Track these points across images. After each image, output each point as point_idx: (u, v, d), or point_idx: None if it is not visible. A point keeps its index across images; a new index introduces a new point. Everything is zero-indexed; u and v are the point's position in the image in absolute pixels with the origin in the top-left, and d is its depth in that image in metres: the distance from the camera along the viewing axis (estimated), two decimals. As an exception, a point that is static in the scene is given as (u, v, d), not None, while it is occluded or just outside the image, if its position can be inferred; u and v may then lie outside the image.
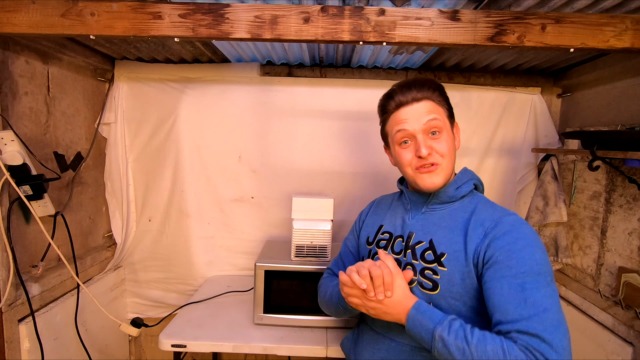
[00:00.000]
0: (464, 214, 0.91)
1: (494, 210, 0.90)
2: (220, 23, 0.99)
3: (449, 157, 0.91)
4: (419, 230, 0.94)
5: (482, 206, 0.92)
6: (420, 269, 0.89)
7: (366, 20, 0.98)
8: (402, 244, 0.95)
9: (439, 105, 0.92)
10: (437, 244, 0.89)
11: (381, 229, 1.04)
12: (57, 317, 1.33)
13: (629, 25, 0.96)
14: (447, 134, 0.92)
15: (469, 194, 0.96)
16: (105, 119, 1.65)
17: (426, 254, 0.90)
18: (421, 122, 0.90)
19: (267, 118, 1.73)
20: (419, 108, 0.90)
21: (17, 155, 1.11)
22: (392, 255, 0.95)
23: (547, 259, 0.81)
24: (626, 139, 1.13)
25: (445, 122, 0.92)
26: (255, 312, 1.38)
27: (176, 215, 1.77)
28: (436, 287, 0.87)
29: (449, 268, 0.86)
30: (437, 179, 0.91)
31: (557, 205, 1.48)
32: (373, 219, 1.10)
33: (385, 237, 1.01)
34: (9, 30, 0.99)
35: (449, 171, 0.92)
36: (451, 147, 0.92)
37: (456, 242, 0.87)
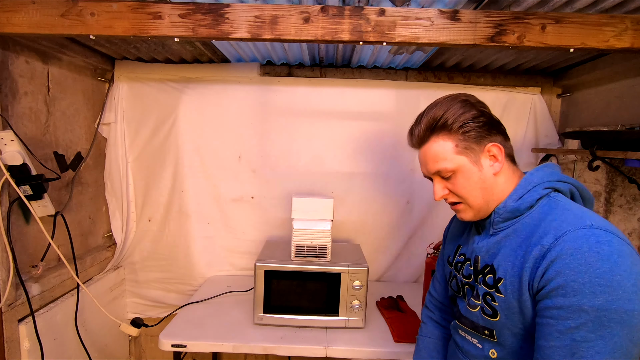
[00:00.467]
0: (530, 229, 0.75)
1: (564, 218, 0.70)
2: (220, 23, 0.99)
3: (470, 195, 0.81)
4: (484, 253, 0.84)
5: (554, 214, 0.73)
6: (482, 294, 0.81)
7: (366, 20, 0.98)
8: (470, 268, 0.87)
9: (448, 139, 0.79)
10: (497, 266, 0.78)
11: (459, 250, 0.96)
12: (57, 317, 1.33)
13: (629, 25, 0.96)
14: (464, 172, 0.80)
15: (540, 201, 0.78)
16: (105, 119, 1.65)
17: (487, 277, 0.80)
18: (427, 168, 0.84)
19: (267, 118, 1.73)
20: (424, 153, 0.84)
21: (17, 155, 1.11)
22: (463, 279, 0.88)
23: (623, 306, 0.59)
24: (626, 139, 1.14)
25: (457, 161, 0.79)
26: (255, 312, 1.38)
27: (176, 215, 1.77)
28: (496, 315, 0.77)
29: (505, 295, 0.75)
30: (465, 215, 0.85)
31: (557, 205, 1.48)
32: (453, 235, 1.02)
33: (460, 260, 0.93)
34: (9, 30, 0.99)
35: (477, 206, 0.82)
36: (470, 183, 0.80)
37: (516, 266, 0.74)
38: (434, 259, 1.57)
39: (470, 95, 0.84)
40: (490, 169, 0.80)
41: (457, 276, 0.92)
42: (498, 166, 0.81)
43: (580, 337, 0.61)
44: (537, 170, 0.82)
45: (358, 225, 1.80)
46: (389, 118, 1.73)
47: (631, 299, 0.59)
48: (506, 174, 0.82)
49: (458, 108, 0.80)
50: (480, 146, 0.80)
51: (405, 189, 1.76)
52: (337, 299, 1.36)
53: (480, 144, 0.80)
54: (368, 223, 1.80)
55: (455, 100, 0.82)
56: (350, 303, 1.35)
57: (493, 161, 0.81)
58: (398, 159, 1.74)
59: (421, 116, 0.84)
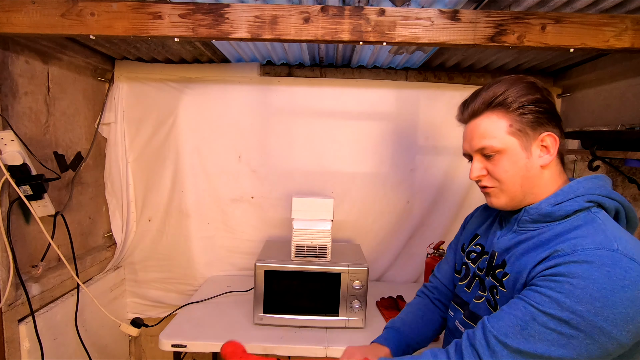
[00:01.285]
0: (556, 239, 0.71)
1: (593, 237, 0.65)
2: (220, 23, 0.99)
3: (508, 181, 0.76)
4: (502, 250, 0.80)
5: (585, 230, 0.68)
6: (489, 286, 0.81)
7: (366, 20, 0.98)
8: (486, 262, 0.85)
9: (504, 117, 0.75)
10: (510, 262, 0.76)
11: (475, 239, 0.93)
12: (57, 317, 1.33)
13: (629, 25, 0.96)
14: (510, 155, 0.75)
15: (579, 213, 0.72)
16: (105, 119, 1.65)
17: (497, 272, 0.79)
18: (472, 144, 0.79)
19: (267, 118, 1.73)
20: (474, 127, 0.79)
21: (17, 155, 1.10)
22: (477, 271, 0.87)
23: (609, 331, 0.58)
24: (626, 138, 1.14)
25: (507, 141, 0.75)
26: (255, 312, 1.38)
27: (176, 215, 1.77)
28: (496, 308, 0.76)
29: (507, 290, 0.74)
30: (495, 201, 0.80)
31: (557, 205, 1.48)
32: (473, 224, 0.99)
33: (477, 250, 0.90)
34: (9, 30, 0.99)
35: (512, 194, 0.77)
36: (513, 169, 0.75)
37: (523, 264, 0.72)
38: (434, 259, 1.57)
39: (537, 80, 0.79)
40: (539, 160, 0.75)
41: (470, 265, 0.91)
42: (548, 158, 0.75)
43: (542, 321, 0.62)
44: (585, 179, 0.76)
45: (358, 225, 1.80)
46: (389, 118, 1.73)
47: (616, 324, 0.58)
48: (552, 171, 0.78)
49: (522, 88, 0.76)
50: (536, 133, 0.75)
51: (405, 189, 1.76)
52: (337, 299, 1.36)
53: (536, 130, 0.75)
54: (368, 223, 1.80)
55: (522, 80, 0.78)
56: (350, 303, 1.35)
57: (544, 152, 0.76)
58: (398, 159, 1.74)
59: (479, 90, 0.80)
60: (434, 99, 1.70)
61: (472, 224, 1.00)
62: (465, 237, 0.99)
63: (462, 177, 1.74)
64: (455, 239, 1.07)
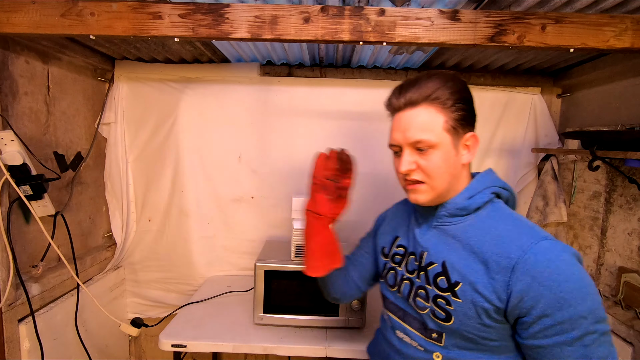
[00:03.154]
0: (481, 233, 0.76)
1: (519, 233, 0.73)
2: (220, 23, 0.99)
3: (438, 177, 0.77)
4: (430, 248, 0.82)
5: (504, 226, 0.76)
6: (433, 296, 0.79)
7: (366, 20, 0.98)
8: (414, 262, 0.85)
9: (441, 113, 0.76)
10: (451, 268, 0.77)
11: (397, 241, 0.94)
12: (57, 317, 1.33)
13: (629, 25, 0.96)
14: (443, 151, 0.76)
15: (487, 205, 0.80)
16: (105, 119, 1.65)
17: (439, 280, 0.78)
18: (407, 135, 0.77)
19: (267, 118, 1.73)
20: (410, 117, 0.77)
21: (17, 155, 1.11)
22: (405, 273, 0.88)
23: (598, 299, 0.67)
24: (626, 139, 1.13)
25: (442, 137, 0.76)
26: (255, 312, 1.38)
27: (176, 215, 1.77)
28: (449, 319, 0.76)
29: (463, 300, 0.74)
30: (422, 197, 0.80)
31: (557, 205, 1.48)
32: (391, 226, 1.00)
33: (400, 252, 0.91)
34: (9, 30, 0.99)
35: (439, 190, 0.79)
36: (444, 165, 0.77)
37: (474, 272, 0.74)
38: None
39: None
40: (462, 158, 0.80)
41: (397, 269, 0.90)
42: (469, 157, 0.81)
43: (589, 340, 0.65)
44: (485, 173, 0.85)
45: (358, 225, 1.79)
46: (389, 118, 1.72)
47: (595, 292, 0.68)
48: (467, 169, 0.84)
49: (457, 86, 0.78)
50: (463, 131, 0.79)
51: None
52: (337, 299, 1.36)
53: (464, 129, 0.79)
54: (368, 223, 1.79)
55: (456, 79, 0.79)
56: (350, 303, 1.35)
57: (466, 151, 0.80)
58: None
59: (416, 80, 0.78)
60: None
61: (389, 226, 1.01)
62: (384, 241, 0.99)
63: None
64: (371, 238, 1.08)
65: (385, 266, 0.96)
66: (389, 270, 0.93)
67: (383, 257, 0.98)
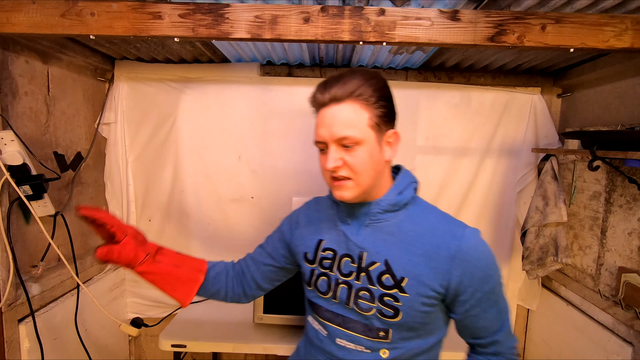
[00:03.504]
0: (416, 227, 0.82)
1: (447, 223, 0.82)
2: (220, 23, 0.99)
3: (363, 173, 0.78)
4: (369, 248, 0.82)
5: (433, 217, 0.83)
6: (378, 295, 0.80)
7: (366, 20, 0.98)
8: (351, 264, 0.84)
9: (366, 109, 0.76)
10: (394, 265, 0.79)
11: (321, 245, 0.90)
12: (57, 317, 1.33)
13: (629, 25, 0.96)
14: (368, 147, 0.77)
15: (412, 200, 0.85)
16: (105, 119, 1.65)
17: (384, 278, 0.80)
18: (332, 131, 0.76)
19: (267, 118, 1.73)
20: (335, 113, 0.76)
21: (17, 155, 1.10)
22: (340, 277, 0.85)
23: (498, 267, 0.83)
24: (626, 139, 1.14)
25: (366, 133, 0.77)
26: (255, 312, 1.38)
27: (176, 215, 1.77)
28: (397, 314, 0.79)
29: (410, 294, 0.78)
30: (347, 194, 0.79)
31: (557, 205, 1.48)
32: (309, 229, 0.94)
33: (328, 256, 0.87)
34: (9, 30, 0.99)
35: (364, 186, 0.80)
36: (369, 161, 0.78)
37: (417, 265, 0.78)
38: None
39: None
40: (385, 154, 0.82)
41: (329, 274, 0.87)
42: (390, 154, 0.83)
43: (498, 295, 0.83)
44: (404, 170, 0.90)
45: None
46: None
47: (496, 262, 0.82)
48: (389, 166, 0.86)
49: (382, 85, 0.80)
50: (385, 128, 0.80)
51: (405, 189, 1.76)
52: (337, 299, 1.36)
53: (386, 125, 0.80)
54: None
55: (379, 77, 0.80)
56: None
57: (388, 147, 0.82)
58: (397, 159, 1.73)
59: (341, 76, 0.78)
60: (434, 99, 1.70)
61: (306, 230, 0.95)
62: (305, 246, 0.93)
63: (462, 177, 1.74)
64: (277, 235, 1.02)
65: (312, 273, 0.90)
66: (319, 277, 0.88)
67: (307, 263, 0.91)
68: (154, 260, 0.90)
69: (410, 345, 0.82)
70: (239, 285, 1.02)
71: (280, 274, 1.03)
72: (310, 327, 0.92)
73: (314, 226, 0.94)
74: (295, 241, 0.96)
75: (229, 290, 1.01)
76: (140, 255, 0.87)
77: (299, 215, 1.00)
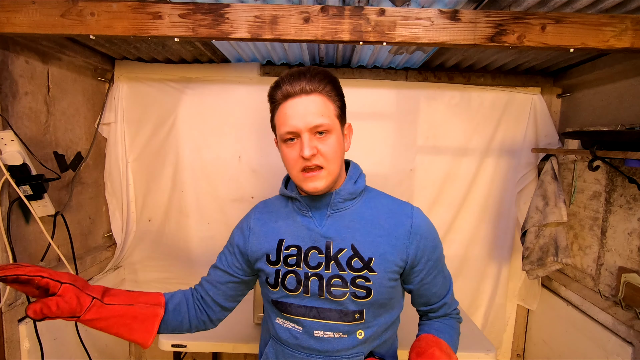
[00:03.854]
0: (373, 211, 0.89)
1: (397, 203, 0.92)
2: (220, 23, 0.99)
3: (334, 161, 0.83)
4: (335, 236, 0.86)
5: (385, 201, 0.92)
6: (350, 279, 0.84)
7: (366, 20, 0.98)
8: (318, 256, 0.86)
9: (330, 102, 0.83)
10: (360, 248, 0.85)
11: (283, 244, 0.89)
12: (57, 317, 1.33)
13: (629, 25, 0.96)
14: (336, 136, 0.83)
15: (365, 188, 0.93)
16: (105, 119, 1.66)
17: (353, 262, 0.84)
18: (307, 120, 0.79)
19: (267, 118, 1.72)
20: (307, 103, 0.80)
21: (17, 155, 1.11)
22: (309, 271, 0.85)
23: None
24: (626, 139, 1.14)
25: (335, 123, 0.83)
26: (255, 312, 1.38)
27: (176, 215, 1.77)
28: (370, 294, 0.84)
29: (379, 272, 0.84)
30: (319, 184, 0.82)
31: (557, 205, 1.48)
32: (265, 232, 0.93)
33: (293, 253, 0.88)
34: (9, 30, 0.99)
35: (334, 175, 0.84)
36: (339, 149, 0.84)
37: (379, 244, 0.85)
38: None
39: None
40: (346, 145, 0.89)
41: (297, 270, 0.87)
42: (348, 146, 0.90)
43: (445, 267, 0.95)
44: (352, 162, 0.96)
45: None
46: (388, 118, 1.73)
47: None
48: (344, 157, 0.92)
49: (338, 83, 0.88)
50: (343, 121, 0.88)
51: (404, 189, 1.76)
52: (337, 299, 1.36)
53: (343, 118, 0.88)
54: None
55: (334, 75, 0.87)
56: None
57: (345, 139, 0.89)
58: (398, 159, 1.74)
59: (305, 73, 0.82)
60: (434, 99, 1.70)
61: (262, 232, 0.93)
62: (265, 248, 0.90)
63: (463, 177, 1.74)
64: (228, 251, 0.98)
65: (277, 273, 0.88)
66: (286, 275, 0.87)
67: (270, 265, 0.89)
68: (102, 304, 0.81)
69: (380, 322, 0.88)
70: (202, 312, 0.97)
71: (241, 288, 0.99)
72: (280, 329, 0.91)
73: (269, 228, 0.93)
74: (252, 247, 0.93)
75: (192, 319, 0.95)
76: (84, 302, 0.77)
77: (249, 221, 0.97)
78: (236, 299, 1.01)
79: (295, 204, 0.92)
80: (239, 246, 0.96)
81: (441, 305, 0.94)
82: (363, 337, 0.86)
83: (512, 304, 1.85)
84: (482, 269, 1.79)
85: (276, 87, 0.85)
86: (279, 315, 0.92)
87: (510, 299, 1.84)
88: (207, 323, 0.99)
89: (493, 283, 1.80)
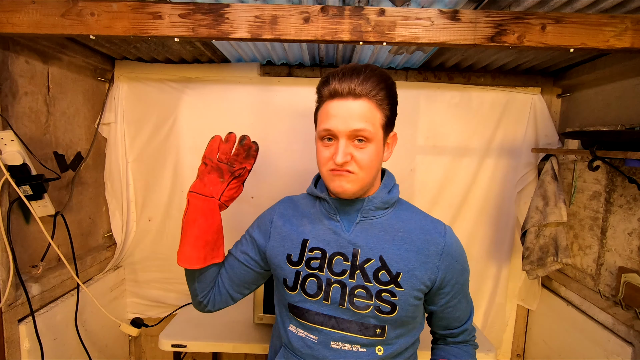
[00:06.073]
0: (404, 224, 0.85)
1: (431, 221, 0.87)
2: (220, 23, 0.99)
3: (368, 170, 0.79)
4: (363, 245, 0.82)
5: (417, 215, 0.88)
6: (376, 292, 0.80)
7: (366, 20, 0.98)
8: (344, 263, 0.82)
9: (378, 110, 0.78)
10: (389, 261, 0.81)
11: (307, 245, 0.85)
12: (57, 317, 1.33)
13: (629, 25, 0.96)
14: (376, 146, 0.79)
15: (398, 199, 0.89)
16: (105, 119, 1.65)
17: (380, 274, 0.80)
18: (348, 124, 0.75)
19: (267, 118, 1.73)
20: (353, 108, 0.75)
21: (17, 155, 1.11)
22: (332, 277, 0.82)
23: None
24: (626, 139, 1.14)
25: (378, 132, 0.78)
26: (255, 312, 1.38)
27: (176, 215, 1.77)
28: (394, 310, 0.80)
29: (405, 288, 0.80)
30: (347, 185, 0.78)
31: (557, 205, 1.48)
32: (289, 229, 0.89)
33: (317, 256, 0.84)
34: (9, 30, 0.99)
35: (366, 183, 0.80)
36: (376, 159, 0.80)
37: (409, 260, 0.81)
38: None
39: None
40: (385, 155, 0.85)
41: (319, 275, 0.83)
42: (388, 155, 0.86)
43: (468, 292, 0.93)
44: (387, 171, 0.92)
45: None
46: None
47: None
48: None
49: (394, 90, 0.82)
50: (388, 130, 0.83)
51: (405, 190, 1.76)
52: (337, 299, 1.36)
53: (389, 128, 0.83)
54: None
55: (391, 80, 0.82)
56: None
57: (387, 149, 0.85)
58: (398, 159, 1.74)
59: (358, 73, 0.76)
60: (434, 99, 1.70)
61: (287, 227, 0.90)
62: (287, 247, 0.87)
63: (463, 177, 1.74)
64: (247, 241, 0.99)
65: (297, 275, 0.85)
66: (307, 278, 0.84)
67: (291, 265, 0.86)
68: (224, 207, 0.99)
69: (401, 342, 0.84)
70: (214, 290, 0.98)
71: (248, 280, 0.99)
72: (294, 337, 0.86)
73: (294, 225, 0.89)
74: (272, 243, 0.91)
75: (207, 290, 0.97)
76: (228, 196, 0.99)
77: (272, 215, 0.95)
78: (242, 292, 0.99)
79: (323, 205, 0.88)
80: (257, 242, 0.96)
81: (462, 331, 0.92)
82: (382, 354, 0.82)
83: (512, 304, 1.84)
84: (482, 269, 1.79)
85: (325, 82, 0.79)
86: (293, 321, 0.87)
87: (510, 299, 1.84)
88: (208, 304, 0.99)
89: (493, 283, 1.80)
